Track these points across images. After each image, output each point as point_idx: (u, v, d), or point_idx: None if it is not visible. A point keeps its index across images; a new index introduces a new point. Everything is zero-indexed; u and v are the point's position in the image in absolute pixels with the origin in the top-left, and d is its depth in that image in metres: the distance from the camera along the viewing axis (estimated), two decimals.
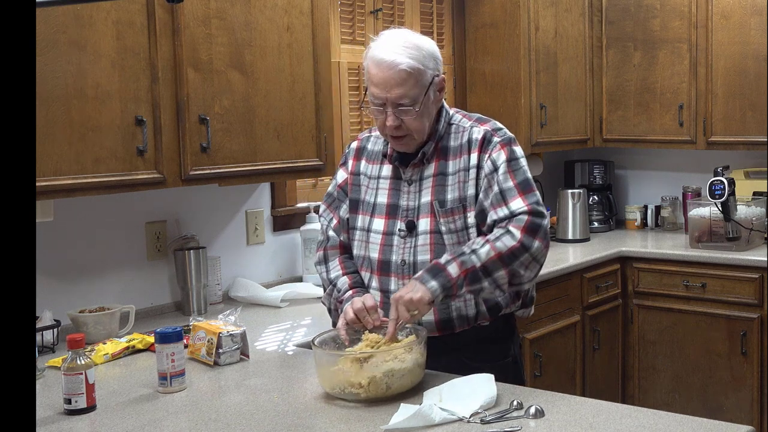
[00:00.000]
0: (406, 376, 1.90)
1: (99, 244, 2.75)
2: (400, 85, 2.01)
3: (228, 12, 2.64)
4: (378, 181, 2.19)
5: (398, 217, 2.13)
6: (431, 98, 2.07)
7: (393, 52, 2.01)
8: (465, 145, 2.11)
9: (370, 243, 2.15)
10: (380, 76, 2.02)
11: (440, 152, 2.13)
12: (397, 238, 2.11)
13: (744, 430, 1.68)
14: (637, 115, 4.25)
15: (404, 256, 2.10)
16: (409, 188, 2.13)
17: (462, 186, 2.09)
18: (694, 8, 3.99)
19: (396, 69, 2.00)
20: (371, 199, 2.18)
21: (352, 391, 1.88)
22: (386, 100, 2.03)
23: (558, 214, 4.24)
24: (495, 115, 3.99)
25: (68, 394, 1.90)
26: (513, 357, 2.21)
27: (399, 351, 1.91)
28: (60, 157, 2.26)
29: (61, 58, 2.25)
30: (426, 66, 2.04)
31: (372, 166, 2.21)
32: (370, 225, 2.16)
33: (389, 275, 2.12)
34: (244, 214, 3.21)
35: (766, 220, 3.88)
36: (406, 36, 2.07)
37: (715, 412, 3.66)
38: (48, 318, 2.43)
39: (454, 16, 4.08)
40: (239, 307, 2.51)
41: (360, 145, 2.27)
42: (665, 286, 3.87)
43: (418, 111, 2.03)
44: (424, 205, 2.10)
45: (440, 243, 2.08)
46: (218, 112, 2.63)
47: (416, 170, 2.13)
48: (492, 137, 2.10)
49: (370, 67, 2.05)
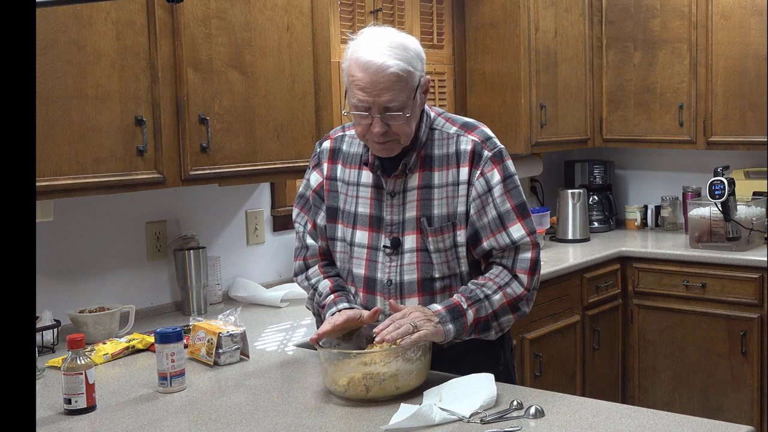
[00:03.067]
0: (387, 381, 1.86)
1: (99, 244, 2.75)
2: (389, 89, 1.87)
3: (228, 12, 2.64)
4: (358, 189, 2.06)
5: (382, 231, 2.02)
6: (418, 101, 1.96)
7: (380, 53, 1.87)
8: (453, 156, 2.00)
9: (354, 258, 2.06)
10: (367, 80, 1.87)
11: (423, 161, 2.00)
12: (382, 254, 2.02)
13: (744, 430, 1.68)
14: (637, 115, 4.25)
15: (390, 275, 2.02)
16: (392, 201, 2.02)
17: (450, 202, 1.99)
18: (694, 8, 4.00)
19: (385, 72, 1.86)
20: (351, 208, 2.06)
21: (336, 390, 1.90)
22: (373, 105, 1.88)
23: (558, 214, 4.24)
24: (495, 115, 4.03)
25: (68, 394, 1.90)
26: (504, 364, 2.15)
27: (379, 355, 1.87)
28: (60, 157, 2.26)
29: (61, 58, 2.25)
30: (414, 68, 1.91)
31: (349, 171, 2.08)
32: (353, 238, 2.05)
33: (375, 293, 2.04)
34: (244, 214, 3.21)
35: (766, 220, 3.88)
36: (391, 35, 1.92)
37: (715, 412, 3.66)
38: (48, 318, 2.43)
39: (454, 16, 4.08)
40: (239, 307, 2.50)
41: (334, 146, 2.13)
42: (665, 286, 3.87)
43: (407, 116, 1.91)
44: (410, 220, 2.00)
45: (427, 261, 2.00)
46: (218, 112, 2.63)
47: (398, 182, 2.01)
48: (483, 150, 1.99)
49: (354, 70, 1.89)
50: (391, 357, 1.87)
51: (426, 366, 1.94)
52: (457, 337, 1.96)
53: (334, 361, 1.90)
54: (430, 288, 2.02)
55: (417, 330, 1.87)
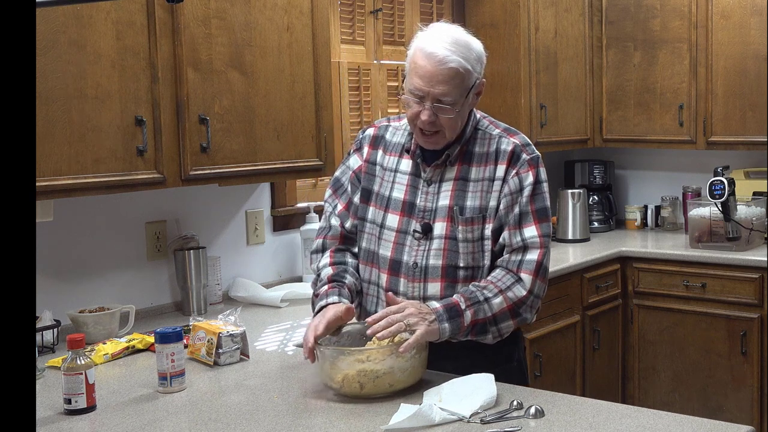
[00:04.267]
0: (381, 378, 1.87)
1: (99, 244, 2.75)
2: (445, 83, 1.96)
3: (228, 12, 2.64)
4: (395, 175, 2.14)
5: (414, 217, 2.09)
6: (470, 101, 2.04)
7: (444, 47, 1.96)
8: (492, 154, 2.08)
9: (382, 240, 2.12)
10: (427, 69, 1.96)
11: (464, 156, 2.09)
12: (410, 238, 2.08)
13: (744, 430, 1.68)
14: (637, 115, 4.25)
15: (417, 258, 2.07)
16: (427, 188, 2.09)
17: (484, 196, 2.06)
18: (694, 8, 4.00)
19: (445, 65, 1.95)
20: (386, 192, 2.13)
21: (332, 386, 1.91)
22: (427, 95, 1.98)
23: (558, 214, 4.24)
24: (495, 115, 3.97)
25: (68, 394, 1.90)
26: (518, 361, 2.19)
27: (374, 353, 1.88)
28: (60, 157, 2.26)
29: (61, 58, 2.25)
30: (473, 68, 2.00)
31: (390, 158, 2.16)
32: (384, 220, 2.12)
33: (399, 275, 2.09)
34: (244, 214, 3.21)
35: (766, 220, 3.88)
36: (458, 33, 2.01)
37: (715, 412, 3.66)
38: (48, 318, 2.43)
39: (454, 16, 4.08)
40: (239, 307, 2.50)
41: (377, 134, 2.21)
42: (665, 286, 3.87)
43: (457, 111, 2.00)
44: (442, 208, 2.07)
45: (454, 250, 2.05)
46: (218, 112, 2.63)
47: (437, 171, 2.09)
48: (521, 153, 2.07)
49: (417, 58, 1.98)
50: (386, 354, 1.88)
51: (421, 364, 1.95)
52: (453, 337, 1.98)
53: (329, 359, 1.91)
54: (453, 276, 2.06)
55: (409, 328, 1.90)
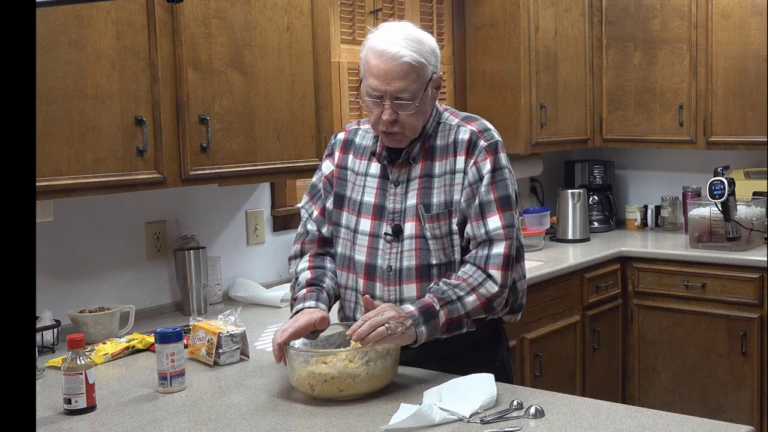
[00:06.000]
0: (329, 383, 1.88)
1: (99, 244, 2.75)
2: (401, 78, 1.97)
3: (228, 12, 2.64)
4: (365, 179, 2.14)
5: (384, 219, 2.09)
6: (429, 95, 2.04)
7: (395, 44, 1.97)
8: (451, 145, 2.07)
9: (356, 245, 2.12)
10: (381, 68, 1.97)
11: (427, 152, 2.08)
12: (382, 242, 2.09)
13: (744, 430, 1.68)
14: (637, 115, 4.25)
15: (390, 261, 2.07)
16: (395, 190, 2.09)
17: (448, 190, 2.05)
18: (694, 8, 3.99)
19: (398, 61, 1.96)
20: (358, 197, 2.13)
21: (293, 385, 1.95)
22: (385, 93, 1.98)
23: (558, 214, 4.24)
24: (495, 115, 4.02)
25: (68, 394, 1.90)
26: (501, 362, 2.17)
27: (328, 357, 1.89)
28: (60, 157, 2.26)
29: (61, 58, 2.25)
30: (428, 61, 2.01)
31: (359, 162, 2.16)
32: (357, 225, 2.12)
33: (375, 280, 2.09)
34: (244, 214, 3.21)
35: (766, 220, 3.88)
36: (408, 29, 2.03)
37: (715, 412, 3.66)
38: (48, 318, 2.43)
39: (454, 16, 4.08)
40: (239, 307, 2.51)
41: (347, 138, 2.22)
42: (665, 286, 3.87)
43: (417, 106, 2.00)
44: (410, 208, 2.07)
45: (425, 248, 2.05)
46: (218, 112, 2.63)
47: (403, 171, 2.09)
48: (478, 140, 2.05)
49: (370, 58, 2.00)
50: (338, 360, 1.88)
51: (383, 372, 1.92)
52: (429, 339, 1.98)
53: (289, 359, 1.94)
54: (427, 275, 2.06)
55: (391, 332, 1.90)
